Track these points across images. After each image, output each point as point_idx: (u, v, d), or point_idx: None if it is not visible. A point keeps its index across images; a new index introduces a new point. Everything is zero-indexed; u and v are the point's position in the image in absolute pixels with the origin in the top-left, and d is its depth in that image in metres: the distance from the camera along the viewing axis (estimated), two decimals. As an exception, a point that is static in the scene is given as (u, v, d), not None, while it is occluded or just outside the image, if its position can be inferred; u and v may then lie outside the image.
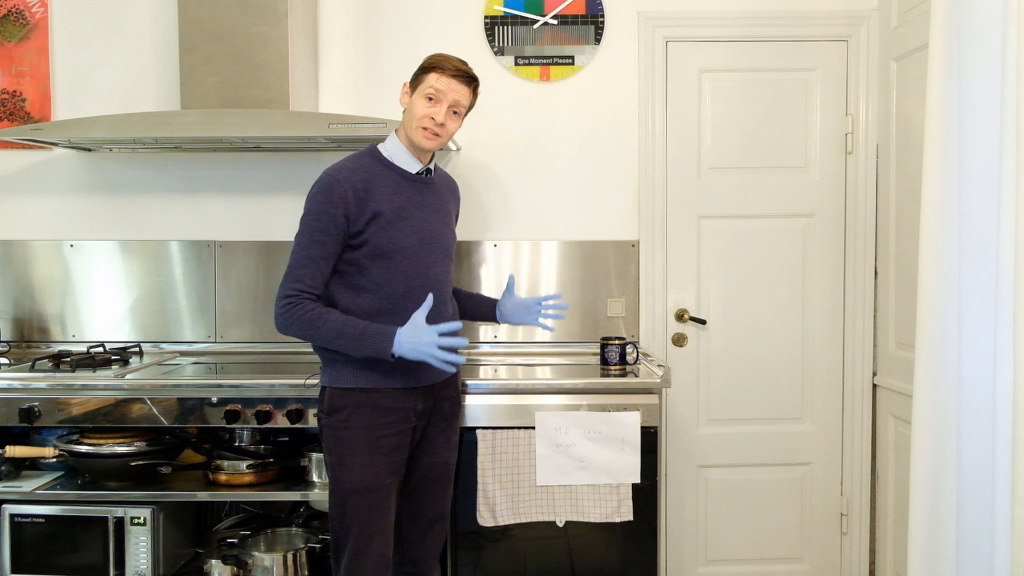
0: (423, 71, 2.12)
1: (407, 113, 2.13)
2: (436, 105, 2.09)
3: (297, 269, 2.06)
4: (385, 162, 2.15)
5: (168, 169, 3.08)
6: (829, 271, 3.11)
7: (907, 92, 2.82)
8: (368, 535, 2.07)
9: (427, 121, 2.09)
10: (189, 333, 3.07)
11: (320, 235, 2.05)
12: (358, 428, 2.08)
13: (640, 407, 2.44)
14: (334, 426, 2.09)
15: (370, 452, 2.08)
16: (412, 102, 2.12)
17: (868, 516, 3.12)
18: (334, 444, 2.09)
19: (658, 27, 3.04)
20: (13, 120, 3.05)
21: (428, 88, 2.09)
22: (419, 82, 2.12)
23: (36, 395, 2.49)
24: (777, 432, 3.14)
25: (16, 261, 3.08)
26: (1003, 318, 2.12)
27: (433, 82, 2.09)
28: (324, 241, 2.05)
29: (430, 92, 2.09)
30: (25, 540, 2.50)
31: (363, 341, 2.02)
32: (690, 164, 3.08)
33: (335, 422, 2.09)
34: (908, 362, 2.69)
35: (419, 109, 2.10)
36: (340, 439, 2.08)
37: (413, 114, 2.11)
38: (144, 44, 3.04)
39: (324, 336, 2.03)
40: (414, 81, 2.14)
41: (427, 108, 2.10)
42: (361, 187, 2.08)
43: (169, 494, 2.52)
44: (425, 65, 2.12)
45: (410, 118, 2.12)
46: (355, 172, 2.09)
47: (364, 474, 2.07)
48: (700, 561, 3.15)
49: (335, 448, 2.09)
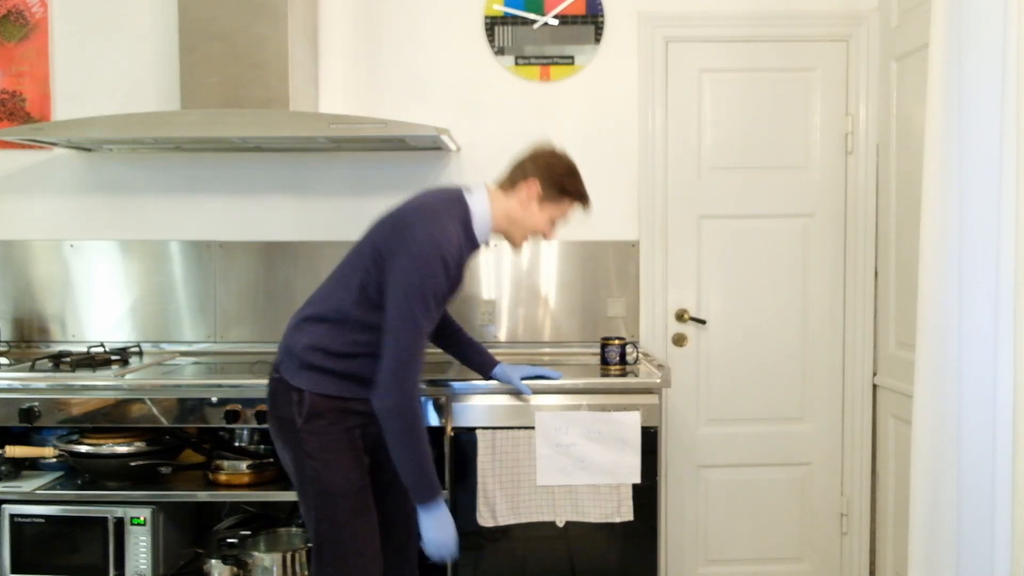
0: (569, 196, 2.14)
1: (526, 218, 2.13)
2: (557, 228, 2.18)
3: (414, 352, 1.95)
4: (469, 232, 2.09)
5: (168, 169, 3.08)
6: (829, 271, 3.11)
7: (907, 92, 2.82)
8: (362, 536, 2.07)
9: (539, 236, 2.17)
10: (189, 333, 3.07)
11: (433, 308, 1.97)
12: (341, 431, 2.06)
13: (640, 407, 2.44)
14: (316, 431, 2.05)
15: (353, 454, 2.08)
16: (538, 215, 2.13)
17: (868, 516, 3.12)
18: (318, 450, 2.05)
19: (658, 27, 3.04)
20: (13, 120, 3.05)
21: (561, 215, 2.16)
22: (558, 201, 2.13)
23: (36, 395, 2.49)
24: (777, 432, 3.14)
25: (16, 261, 3.08)
26: (1003, 318, 2.12)
27: (568, 212, 2.16)
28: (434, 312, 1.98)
29: (559, 219, 2.16)
30: (25, 540, 2.50)
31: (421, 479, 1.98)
32: (690, 164, 3.08)
33: (317, 427, 2.05)
34: (908, 362, 2.69)
35: (542, 224, 2.15)
36: (324, 444, 2.05)
37: (534, 223, 2.14)
38: (144, 44, 3.04)
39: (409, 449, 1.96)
40: (549, 190, 2.12)
41: (549, 227, 2.16)
42: (462, 258, 2.06)
43: (169, 494, 2.52)
44: (571, 192, 2.14)
45: (526, 226, 2.14)
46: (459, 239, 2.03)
47: (354, 476, 2.07)
48: (700, 561, 3.15)
49: (319, 453, 2.05)
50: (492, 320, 3.07)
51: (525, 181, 2.12)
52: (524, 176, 2.13)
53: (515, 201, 2.13)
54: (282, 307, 3.05)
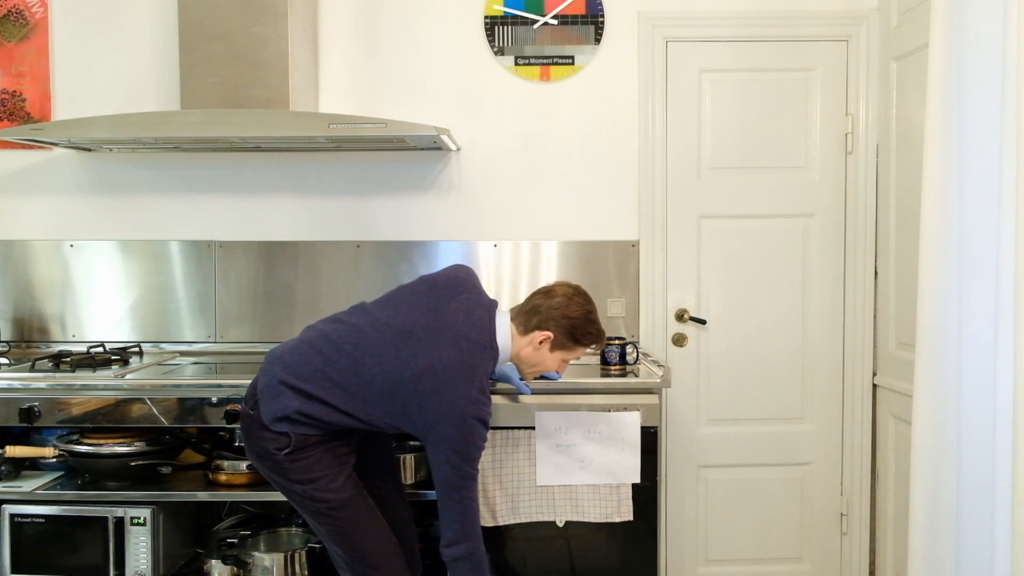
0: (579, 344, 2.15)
1: (536, 359, 2.16)
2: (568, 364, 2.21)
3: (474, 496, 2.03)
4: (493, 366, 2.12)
5: (168, 169, 3.08)
6: (829, 271, 3.11)
7: (907, 92, 2.82)
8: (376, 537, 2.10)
9: (549, 372, 2.21)
10: (189, 333, 3.07)
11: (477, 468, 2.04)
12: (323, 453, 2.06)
13: (640, 407, 2.44)
14: (298, 459, 2.04)
15: (340, 468, 2.09)
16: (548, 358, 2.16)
17: (868, 516, 3.12)
18: (304, 474, 2.04)
19: (658, 27, 3.04)
20: (13, 120, 3.05)
21: (575, 356, 2.19)
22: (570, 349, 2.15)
23: (36, 395, 2.49)
24: (777, 432, 3.13)
25: (16, 261, 3.08)
26: (1003, 318, 2.12)
27: (579, 355, 2.19)
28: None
29: (569, 359, 2.19)
30: (25, 540, 2.49)
31: None
32: (690, 164, 3.08)
33: (299, 456, 2.04)
34: (908, 362, 2.69)
35: (553, 365, 2.19)
36: (310, 468, 2.04)
37: (544, 365, 2.18)
38: (144, 44, 3.04)
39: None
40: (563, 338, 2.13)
41: (561, 366, 2.20)
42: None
43: (169, 494, 2.52)
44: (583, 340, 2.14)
45: (536, 366, 2.17)
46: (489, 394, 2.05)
47: (346, 486, 2.08)
48: (700, 561, 3.15)
49: (306, 477, 2.04)
50: (492, 320, 3.06)
51: (540, 331, 2.12)
52: (540, 325, 2.12)
53: (527, 343, 2.13)
54: (282, 307, 3.05)
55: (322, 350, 2.06)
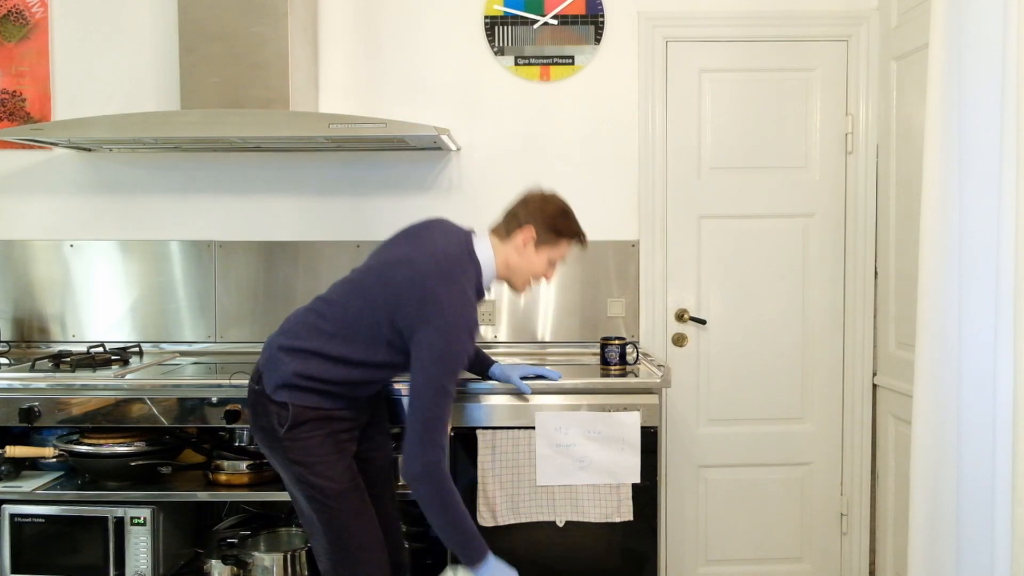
0: (561, 237, 2.15)
1: (524, 263, 2.15)
2: (555, 269, 2.20)
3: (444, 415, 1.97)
4: (479, 286, 2.12)
5: (168, 169, 3.08)
6: (829, 271, 3.11)
7: (907, 92, 2.82)
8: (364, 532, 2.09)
9: (542, 279, 2.19)
10: (189, 333, 3.07)
11: (456, 380, 2.00)
12: (323, 435, 2.07)
13: (640, 407, 2.44)
14: (296, 438, 2.05)
15: (340, 456, 2.09)
16: (535, 259, 2.15)
17: (868, 516, 3.12)
18: (303, 455, 2.05)
19: (658, 27, 3.04)
20: (13, 120, 3.05)
21: (559, 256, 2.18)
22: (552, 245, 2.15)
23: (36, 395, 2.49)
24: (777, 432, 3.14)
25: (16, 261, 3.08)
26: (1003, 318, 2.12)
27: (565, 252, 2.18)
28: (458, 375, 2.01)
29: (557, 259, 2.18)
30: (25, 540, 2.49)
31: (465, 543, 1.99)
32: (690, 164, 3.08)
33: (296, 435, 2.05)
34: (908, 362, 2.69)
35: (541, 268, 2.17)
36: (308, 449, 2.05)
37: (532, 268, 2.16)
38: (144, 44, 3.04)
39: (444, 516, 1.96)
40: (545, 235, 2.14)
41: (548, 269, 2.19)
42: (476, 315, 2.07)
43: (169, 494, 2.52)
44: (565, 232, 2.16)
45: (526, 272, 2.16)
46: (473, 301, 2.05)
47: (343, 476, 2.08)
48: (700, 561, 3.15)
49: (304, 459, 2.05)
50: (492, 320, 3.06)
51: (520, 228, 2.15)
52: (519, 223, 2.16)
53: (512, 248, 2.16)
54: (282, 307, 3.05)
55: (315, 308, 2.13)
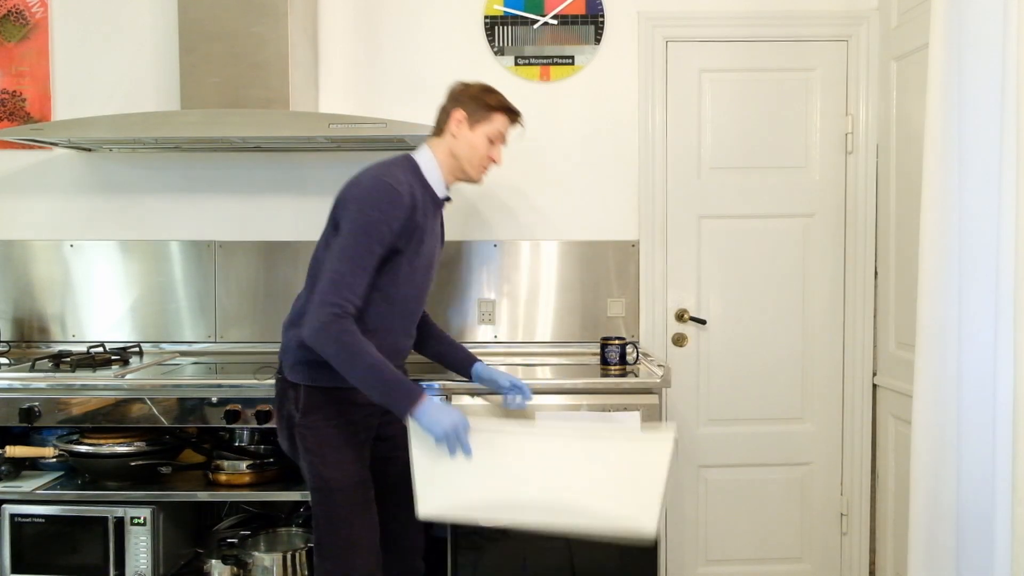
0: (491, 110, 2.13)
1: (464, 146, 2.12)
2: (498, 147, 2.15)
3: (348, 277, 1.93)
4: (423, 180, 2.12)
5: (168, 169, 3.08)
6: (829, 271, 3.11)
7: (907, 92, 2.82)
8: (360, 530, 2.07)
9: (489, 162, 2.15)
10: (189, 333, 3.07)
11: (376, 245, 1.97)
12: (337, 425, 2.07)
13: (640, 407, 2.44)
14: (312, 425, 2.06)
15: (352, 448, 2.08)
16: (473, 138, 2.12)
17: (868, 516, 3.12)
18: (314, 443, 2.06)
19: (658, 27, 3.04)
20: (13, 120, 3.05)
21: (495, 131, 2.14)
22: (485, 120, 2.13)
23: (36, 395, 2.49)
24: (777, 432, 3.13)
25: (16, 261, 3.08)
26: (1003, 318, 2.12)
27: (501, 127, 2.14)
28: (378, 252, 1.98)
29: (495, 136, 2.14)
30: (25, 540, 2.50)
31: (390, 391, 1.95)
32: (690, 164, 3.08)
33: (313, 421, 2.06)
34: (908, 362, 2.69)
35: (482, 148, 2.13)
36: (320, 437, 2.06)
37: (475, 151, 2.12)
38: (144, 44, 3.04)
39: (357, 367, 1.93)
40: (475, 113, 2.12)
41: (491, 150, 2.14)
42: (415, 202, 2.04)
43: (169, 494, 2.53)
44: (493, 105, 2.14)
45: (470, 153, 2.13)
46: (411, 185, 2.04)
47: (350, 470, 2.07)
48: (700, 561, 3.15)
49: (315, 447, 2.06)
50: (492, 320, 3.06)
51: (449, 116, 2.15)
52: (447, 113, 2.16)
53: (448, 137, 2.14)
54: (282, 307, 3.03)
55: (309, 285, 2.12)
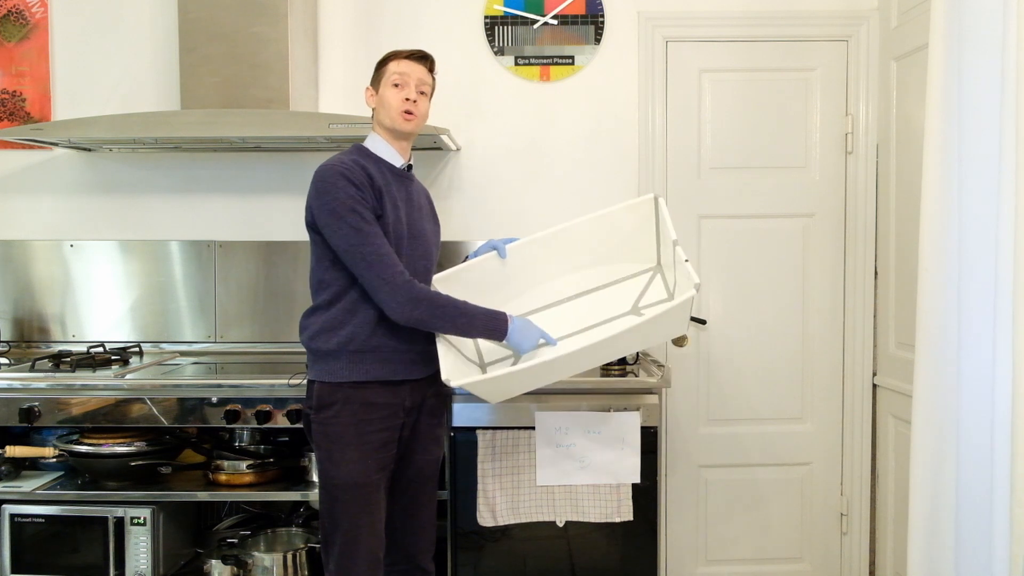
0: (381, 65, 2.20)
1: (380, 108, 2.18)
2: (404, 88, 2.16)
3: (386, 257, 2.03)
4: (374, 157, 2.18)
5: (168, 169, 3.08)
6: (829, 271, 3.11)
7: (907, 92, 2.82)
8: (357, 530, 2.07)
9: (402, 104, 2.15)
10: (189, 333, 3.07)
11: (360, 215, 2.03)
12: (347, 424, 2.08)
13: (640, 407, 2.44)
14: (323, 422, 2.09)
15: (359, 448, 2.08)
16: (381, 96, 2.17)
17: (868, 516, 3.12)
18: (323, 439, 2.09)
19: (658, 27, 3.04)
20: (13, 120, 3.05)
21: (392, 76, 2.16)
22: (381, 76, 2.18)
23: (36, 395, 2.49)
24: (777, 432, 3.14)
25: (16, 261, 3.08)
26: (1003, 318, 2.12)
27: (394, 68, 2.16)
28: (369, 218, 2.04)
29: (395, 79, 2.15)
30: (25, 540, 2.50)
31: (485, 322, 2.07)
32: (690, 164, 3.08)
33: (324, 418, 2.09)
34: (908, 362, 2.69)
35: (390, 97, 2.16)
36: (329, 435, 2.08)
37: (387, 104, 2.16)
38: (144, 44, 3.04)
39: (449, 313, 2.04)
40: (375, 80, 2.20)
41: (398, 94, 2.16)
42: (365, 170, 2.10)
43: (169, 494, 2.53)
44: (381, 61, 2.20)
45: (385, 109, 2.16)
46: (356, 161, 2.11)
47: (353, 470, 2.07)
48: (700, 561, 3.15)
49: (324, 443, 2.09)
50: (492, 320, 3.06)
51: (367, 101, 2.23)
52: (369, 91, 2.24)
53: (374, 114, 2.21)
54: (282, 307, 3.05)
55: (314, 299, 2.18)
